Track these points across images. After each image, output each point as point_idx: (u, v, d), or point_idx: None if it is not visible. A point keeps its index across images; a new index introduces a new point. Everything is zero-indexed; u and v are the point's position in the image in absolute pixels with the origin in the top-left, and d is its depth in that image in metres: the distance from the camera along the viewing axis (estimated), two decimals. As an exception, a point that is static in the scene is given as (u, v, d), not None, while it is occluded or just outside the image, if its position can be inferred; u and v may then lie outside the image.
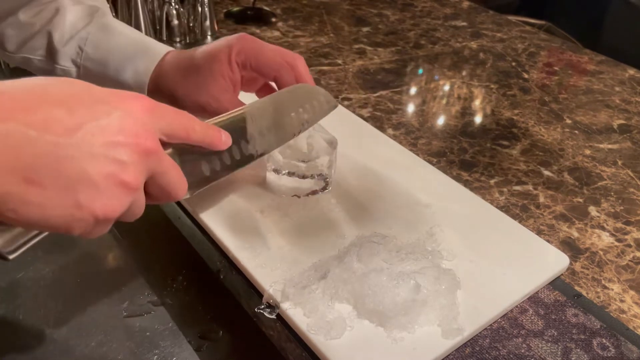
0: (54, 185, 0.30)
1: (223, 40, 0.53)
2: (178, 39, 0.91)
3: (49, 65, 0.60)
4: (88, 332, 0.57)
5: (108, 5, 0.64)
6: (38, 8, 0.59)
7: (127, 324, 0.59)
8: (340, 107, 0.74)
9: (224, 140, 0.42)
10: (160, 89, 0.55)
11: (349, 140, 0.65)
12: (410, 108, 0.80)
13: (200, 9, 0.92)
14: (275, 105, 0.50)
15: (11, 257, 0.33)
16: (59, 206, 0.31)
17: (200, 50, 0.54)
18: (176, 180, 0.38)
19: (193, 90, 0.54)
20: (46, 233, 0.34)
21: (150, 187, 0.36)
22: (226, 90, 0.53)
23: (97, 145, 0.31)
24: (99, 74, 0.57)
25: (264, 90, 0.58)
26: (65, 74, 0.59)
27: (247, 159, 0.47)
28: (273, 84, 0.55)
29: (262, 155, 0.48)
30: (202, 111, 0.54)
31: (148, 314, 0.60)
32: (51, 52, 0.59)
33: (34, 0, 0.59)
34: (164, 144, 0.37)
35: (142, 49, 0.56)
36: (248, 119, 0.46)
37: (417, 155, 0.66)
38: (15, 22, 0.59)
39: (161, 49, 0.57)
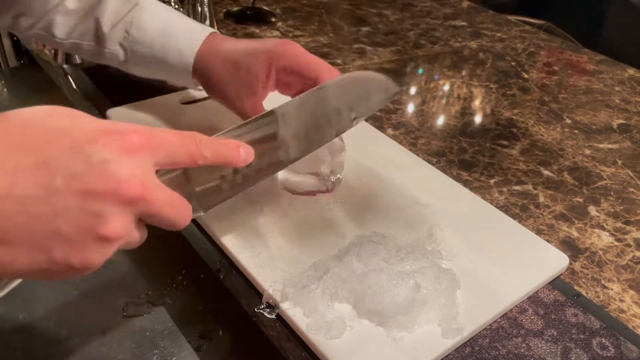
0: (26, 244, 0.28)
1: (268, 42, 0.55)
2: (178, 39, 0.91)
3: (97, 50, 0.61)
4: (88, 332, 0.57)
5: None
6: None
7: (127, 324, 0.59)
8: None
9: (244, 157, 0.38)
10: (200, 70, 0.57)
11: (349, 140, 0.65)
12: (410, 108, 0.80)
13: (200, 8, 0.92)
14: (317, 102, 0.47)
15: None
16: (32, 264, 0.29)
17: (244, 45, 0.56)
18: (172, 216, 0.34)
19: (224, 81, 0.55)
20: None
21: (147, 221, 0.34)
22: (253, 92, 0.54)
23: (72, 198, 0.28)
24: (146, 55, 0.59)
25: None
26: (114, 56, 0.60)
27: (277, 166, 0.44)
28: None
29: (297, 159, 0.45)
30: (224, 103, 0.57)
31: (148, 314, 0.60)
32: (99, 37, 0.60)
33: None
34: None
35: (186, 30, 0.58)
36: (280, 122, 0.43)
37: (417, 155, 0.66)
38: (63, 9, 0.60)
39: (204, 29, 0.58)
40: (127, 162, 0.30)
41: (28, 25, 0.62)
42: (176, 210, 0.34)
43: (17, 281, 0.33)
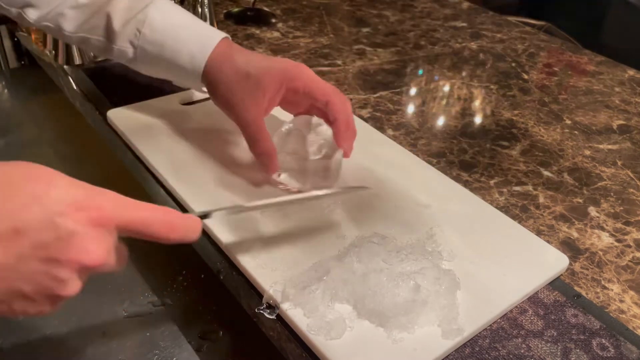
0: None
1: (283, 62, 0.56)
2: (178, 40, 0.91)
3: (107, 46, 0.61)
4: (88, 333, 0.57)
5: None
6: None
7: (127, 325, 0.59)
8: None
9: (198, 235, 0.40)
10: (209, 74, 0.57)
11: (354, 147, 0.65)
12: (410, 109, 0.80)
13: (200, 9, 0.92)
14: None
15: None
16: None
17: (259, 59, 0.56)
18: (113, 270, 0.36)
19: (232, 88, 0.56)
20: None
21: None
22: (258, 104, 0.55)
23: (38, 264, 0.31)
24: (156, 55, 0.59)
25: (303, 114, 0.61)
26: (122, 54, 0.60)
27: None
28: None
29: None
30: (226, 110, 0.57)
31: (148, 315, 0.60)
32: (109, 33, 0.60)
33: None
34: None
35: (198, 34, 0.58)
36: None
37: (417, 155, 0.66)
38: (74, 2, 0.60)
39: (217, 34, 0.58)
40: (92, 234, 0.33)
41: (36, 17, 0.61)
42: (121, 264, 0.37)
43: None
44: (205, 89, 0.59)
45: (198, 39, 0.57)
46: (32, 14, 0.61)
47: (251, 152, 0.56)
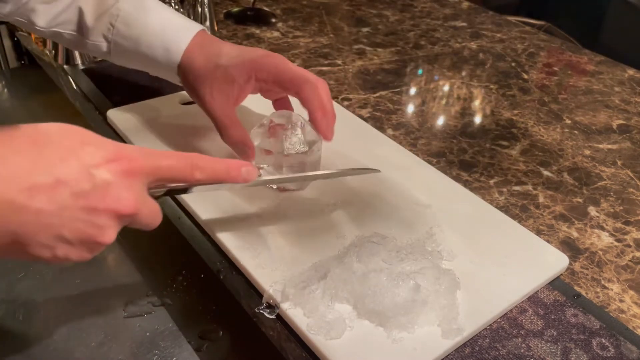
0: (35, 244, 0.34)
1: (253, 52, 0.55)
2: (178, 40, 0.91)
3: (80, 40, 0.61)
4: (88, 333, 0.57)
5: None
6: None
7: (127, 325, 0.59)
8: (340, 107, 0.74)
9: (244, 176, 0.43)
10: (182, 65, 0.57)
11: (349, 140, 0.65)
12: (410, 108, 0.80)
13: (200, 9, 0.92)
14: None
15: None
16: (37, 256, 0.34)
17: (228, 49, 0.56)
18: (150, 223, 0.39)
19: (202, 79, 0.56)
20: None
21: (128, 225, 0.39)
22: (227, 95, 0.55)
23: (79, 212, 0.34)
24: (131, 50, 0.58)
25: (280, 102, 0.61)
26: (96, 48, 0.60)
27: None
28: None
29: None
30: (197, 101, 0.57)
31: (148, 315, 0.60)
32: (81, 28, 0.60)
33: None
34: None
35: (173, 28, 0.57)
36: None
37: (417, 155, 0.66)
38: None
39: (193, 27, 0.58)
40: (125, 184, 0.36)
41: (6, 12, 0.61)
42: (154, 217, 0.40)
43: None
44: (179, 81, 0.59)
45: (173, 33, 0.57)
46: (3, 9, 0.60)
47: (225, 143, 0.56)
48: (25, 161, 0.33)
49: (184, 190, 0.43)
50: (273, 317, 0.46)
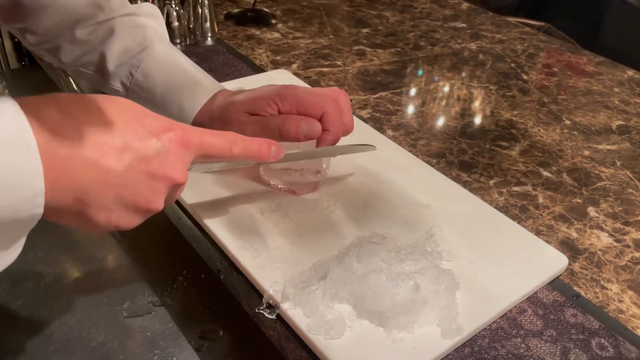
0: (96, 205, 0.35)
1: (270, 91, 0.54)
2: (178, 41, 0.91)
3: (100, 80, 0.62)
4: (88, 332, 0.57)
5: (164, 23, 0.66)
6: (93, 27, 0.61)
7: (127, 324, 0.59)
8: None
9: (274, 153, 0.45)
10: (198, 124, 0.56)
11: (349, 141, 0.65)
12: (410, 109, 0.80)
13: (200, 10, 0.92)
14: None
15: None
16: (93, 220, 0.36)
17: (241, 94, 0.55)
18: (178, 197, 0.43)
19: (223, 127, 0.55)
20: None
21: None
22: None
23: (140, 174, 0.36)
24: (146, 100, 0.59)
25: None
26: (114, 93, 0.61)
27: None
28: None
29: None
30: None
31: (148, 314, 0.60)
32: (102, 71, 0.61)
33: (90, 18, 0.60)
34: None
35: (191, 87, 0.58)
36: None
37: (417, 156, 0.67)
38: (71, 38, 0.61)
39: (211, 88, 0.58)
40: (181, 155, 0.38)
41: (34, 42, 0.63)
42: (181, 192, 0.43)
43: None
44: None
45: (190, 94, 0.57)
46: (30, 39, 0.63)
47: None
48: (97, 124, 0.34)
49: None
50: (273, 317, 0.46)
